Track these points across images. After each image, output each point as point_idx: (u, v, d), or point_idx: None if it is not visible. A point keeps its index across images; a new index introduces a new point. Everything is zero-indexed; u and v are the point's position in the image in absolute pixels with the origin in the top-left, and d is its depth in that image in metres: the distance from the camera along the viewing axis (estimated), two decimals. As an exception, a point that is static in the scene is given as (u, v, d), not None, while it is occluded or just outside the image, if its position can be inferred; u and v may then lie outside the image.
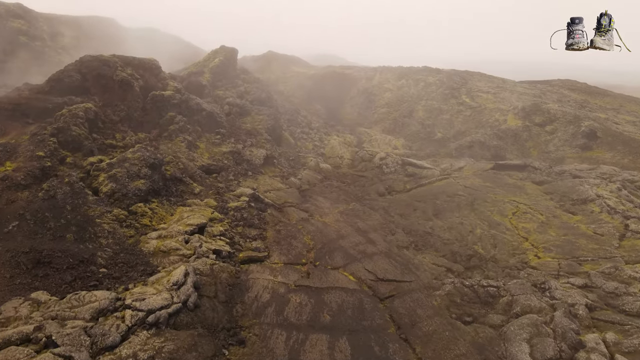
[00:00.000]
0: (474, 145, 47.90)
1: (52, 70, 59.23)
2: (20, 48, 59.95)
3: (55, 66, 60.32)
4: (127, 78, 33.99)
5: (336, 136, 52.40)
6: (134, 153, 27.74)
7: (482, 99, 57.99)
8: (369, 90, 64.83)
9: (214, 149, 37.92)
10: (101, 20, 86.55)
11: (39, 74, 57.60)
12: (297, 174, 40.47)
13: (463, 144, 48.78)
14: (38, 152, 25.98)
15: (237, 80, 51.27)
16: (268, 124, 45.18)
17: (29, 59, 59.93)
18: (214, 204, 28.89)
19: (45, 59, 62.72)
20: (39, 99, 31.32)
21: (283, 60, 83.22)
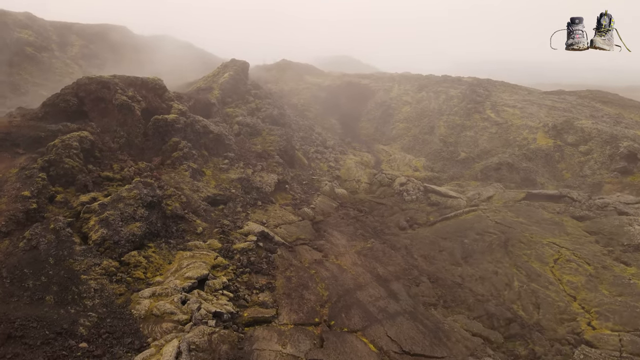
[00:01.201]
0: (501, 167, 44.34)
1: (59, 83, 57.44)
2: (26, 60, 58.23)
3: (64, 78, 58.50)
4: (127, 102, 31.41)
5: (352, 155, 49.32)
6: (130, 191, 25.06)
7: (508, 114, 54.29)
8: (387, 104, 61.60)
9: (221, 176, 35.17)
10: (112, 28, 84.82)
11: (46, 87, 55.81)
12: (310, 201, 37.52)
13: (489, 165, 45.25)
14: (24, 192, 23.46)
15: (247, 96, 48.53)
16: (280, 145, 42.32)
17: (36, 72, 58.16)
18: (218, 245, 26.06)
19: (53, 71, 60.93)
20: (32, 126, 28.90)
21: (297, 69, 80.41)
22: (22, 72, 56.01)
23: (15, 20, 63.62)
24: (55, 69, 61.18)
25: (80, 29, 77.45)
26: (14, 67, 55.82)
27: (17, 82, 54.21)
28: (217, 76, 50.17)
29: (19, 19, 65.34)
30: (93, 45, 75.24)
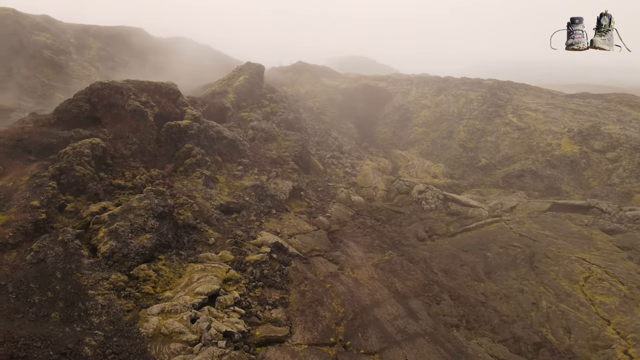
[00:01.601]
0: (524, 174, 42.74)
1: (76, 85, 57.51)
2: (44, 63, 58.41)
3: (81, 81, 58.54)
4: (140, 108, 30.83)
5: (369, 161, 48.15)
6: (141, 200, 24.38)
7: (531, 119, 52.48)
8: (405, 107, 60.24)
9: (235, 183, 34.38)
10: (129, 30, 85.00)
11: (63, 90, 55.89)
12: (326, 209, 36.51)
13: (511, 172, 43.65)
14: (33, 202, 22.94)
15: (263, 100, 47.74)
16: (295, 151, 41.40)
17: (53, 75, 58.31)
18: (231, 257, 25.20)
19: (70, 74, 61.06)
20: (44, 132, 28.48)
21: (313, 71, 79.47)
22: (39, 75, 56.17)
23: (33, 23, 63.99)
24: (72, 72, 61.31)
25: (98, 31, 77.72)
26: (31, 70, 56.03)
27: (34, 85, 54.36)
28: (232, 79, 49.51)
29: (37, 21, 65.72)
30: (110, 48, 75.39)
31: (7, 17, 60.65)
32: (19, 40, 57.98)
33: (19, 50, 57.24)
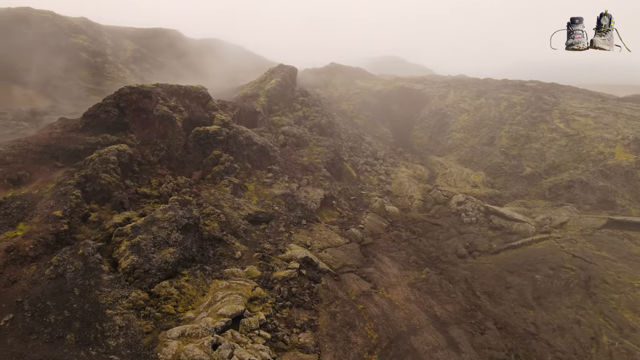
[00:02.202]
0: (573, 185, 39.60)
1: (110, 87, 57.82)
2: (80, 65, 59.02)
3: (115, 82, 58.82)
4: (168, 113, 29.89)
5: (405, 168, 45.97)
6: (165, 212, 23.27)
7: (580, 125, 48.96)
8: (442, 111, 57.57)
9: (264, 191, 33.03)
10: (164, 32, 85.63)
11: (98, 92, 56.24)
12: (358, 220, 34.71)
13: (559, 183, 40.59)
14: (56, 212, 22.18)
15: (295, 104, 46.34)
16: (328, 157, 39.76)
17: (89, 77, 58.86)
18: (257, 273, 23.77)
19: (105, 76, 61.54)
20: (71, 138, 27.91)
21: (347, 72, 77.64)
22: (75, 77, 56.75)
23: (71, 26, 64.93)
24: (107, 74, 61.80)
25: (133, 33, 78.51)
26: (68, 72, 56.68)
27: (70, 87, 54.88)
28: (264, 82, 48.35)
29: (75, 24, 66.69)
30: (145, 50, 75.96)
31: (46, 20, 61.72)
32: (56, 42, 58.83)
33: (57, 52, 58.00)
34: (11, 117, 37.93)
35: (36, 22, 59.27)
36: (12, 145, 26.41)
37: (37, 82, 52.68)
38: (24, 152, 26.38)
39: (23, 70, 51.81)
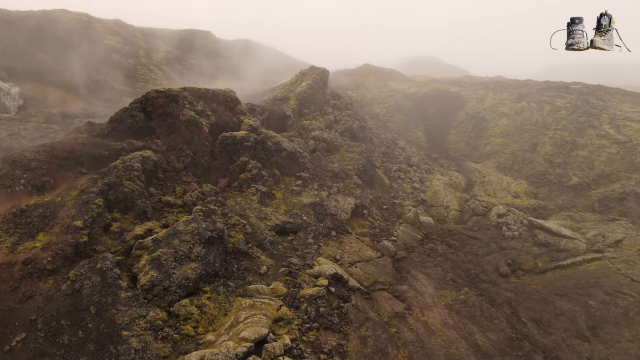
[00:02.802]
0: (626, 197, 36.48)
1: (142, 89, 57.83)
2: (113, 67, 59.36)
3: (147, 84, 58.84)
4: (194, 118, 28.88)
5: (440, 175, 43.71)
6: (187, 224, 22.13)
7: (633, 131, 45.43)
8: (480, 115, 54.82)
9: (293, 200, 31.63)
10: (197, 33, 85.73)
11: (129, 94, 56.32)
12: (391, 231, 32.87)
13: (610, 194, 37.50)
14: (76, 222, 21.37)
15: (326, 107, 44.81)
16: (359, 164, 38.03)
17: (121, 78, 59.10)
18: (283, 291, 22.32)
19: (137, 77, 61.76)
20: (96, 143, 27.25)
21: (380, 74, 75.57)
22: (108, 78, 57.05)
23: (105, 27, 65.55)
24: (139, 75, 62.00)
25: (166, 34, 78.83)
26: (101, 74, 57.03)
27: (103, 89, 55.15)
28: (294, 85, 47.03)
29: (109, 26, 67.31)
30: (177, 51, 76.10)
31: (81, 21, 62.42)
32: (90, 44, 59.35)
33: (91, 54, 58.51)
34: (42, 119, 37.98)
35: (71, 24, 59.98)
36: (38, 150, 25.92)
37: (71, 84, 53.11)
38: (49, 157, 25.84)
39: (57, 72, 52.31)
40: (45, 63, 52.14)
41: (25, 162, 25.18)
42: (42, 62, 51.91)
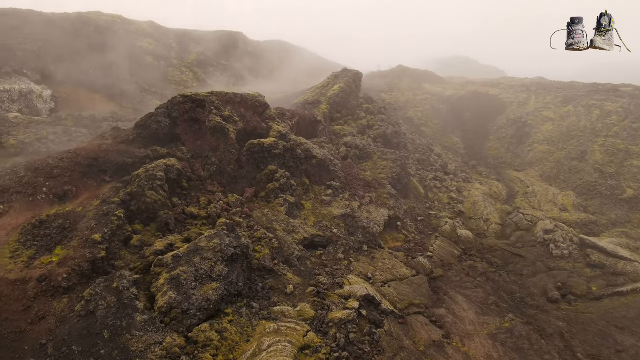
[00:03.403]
0: (689, 214, 33.08)
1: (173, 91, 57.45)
2: (145, 69, 59.23)
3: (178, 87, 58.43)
4: (221, 125, 27.59)
5: (479, 184, 41.10)
6: (210, 239, 20.75)
7: (694, 139, 41.59)
8: (522, 120, 51.65)
9: (323, 211, 29.95)
10: (229, 34, 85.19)
11: (160, 96, 56.02)
12: (426, 245, 30.76)
13: (671, 210, 34.13)
14: (95, 235, 20.33)
15: (359, 111, 42.93)
16: (393, 172, 36.00)
17: (153, 80, 58.87)
18: (311, 314, 20.63)
19: (169, 80, 61.46)
20: (120, 150, 26.31)
21: (414, 76, 72.95)
22: (139, 80, 56.89)
23: (138, 29, 65.68)
24: (171, 77, 61.67)
25: (199, 36, 78.56)
26: (132, 76, 56.93)
27: (134, 91, 54.99)
28: (326, 88, 45.34)
29: (142, 27, 67.45)
30: (209, 52, 75.63)
31: (115, 24, 62.68)
32: (123, 46, 59.42)
33: (123, 56, 58.53)
34: (71, 123, 37.67)
35: (105, 26, 60.25)
36: (62, 157, 25.17)
37: (103, 86, 53.10)
38: (73, 164, 25.05)
39: (90, 74, 52.39)
40: (78, 65, 52.31)
41: (48, 169, 24.46)
42: (75, 64, 52.09)
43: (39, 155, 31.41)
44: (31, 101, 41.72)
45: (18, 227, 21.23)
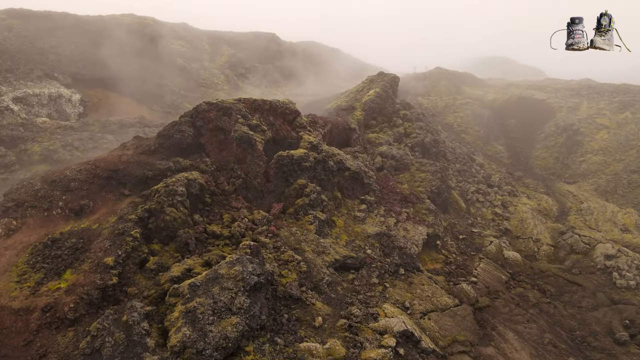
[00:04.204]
0: None
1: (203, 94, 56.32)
2: (176, 71, 58.37)
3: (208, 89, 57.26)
4: (247, 135, 25.61)
5: (526, 198, 37.70)
6: (231, 266, 18.72)
7: None
8: (574, 127, 47.59)
9: (356, 228, 27.57)
10: (261, 35, 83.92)
11: (190, 99, 54.96)
12: (469, 268, 27.95)
13: None
14: (107, 259, 18.67)
15: (395, 118, 40.23)
16: (432, 185, 33.23)
17: (183, 83, 57.92)
18: (341, 352, 18.29)
19: (199, 82, 60.40)
20: (141, 162, 24.73)
21: (452, 78, 69.33)
22: (170, 83, 56.01)
23: (170, 31, 64.99)
24: (202, 80, 60.57)
25: (231, 37, 77.57)
26: (163, 79, 56.11)
27: (164, 94, 54.14)
28: (360, 92, 42.83)
29: (175, 29, 66.78)
30: (241, 54, 74.41)
31: (147, 26, 62.15)
32: (155, 49, 58.80)
33: (155, 59, 57.88)
34: (98, 129, 36.74)
35: (137, 28, 59.74)
36: (80, 169, 23.80)
37: (134, 90, 52.44)
38: (91, 177, 23.64)
39: (121, 77, 51.79)
40: (109, 68, 51.80)
41: (65, 182, 23.12)
42: (106, 67, 51.60)
43: (62, 163, 30.41)
44: (60, 105, 41.12)
45: (29, 245, 19.86)
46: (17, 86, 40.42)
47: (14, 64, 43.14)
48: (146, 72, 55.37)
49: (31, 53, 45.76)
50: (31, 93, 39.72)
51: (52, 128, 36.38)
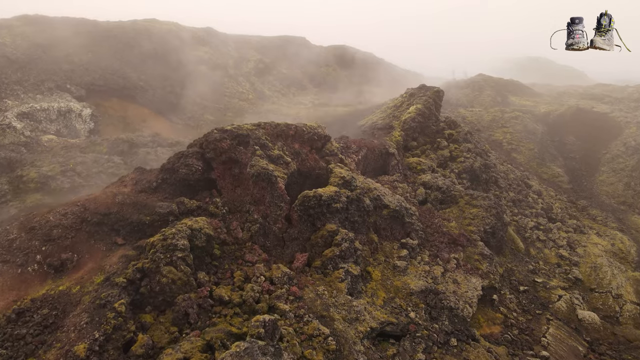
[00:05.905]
0: None
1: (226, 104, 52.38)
2: (198, 79, 54.61)
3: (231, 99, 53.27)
4: (266, 171, 21.08)
5: (596, 236, 31.83)
6: (239, 351, 14.19)
7: None
8: (646, 147, 41.15)
9: (395, 282, 22.69)
10: (291, 40, 79.73)
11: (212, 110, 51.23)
12: (536, 334, 22.70)
13: None
14: (78, 347, 14.46)
15: (439, 139, 35.00)
16: (486, 224, 27.94)
17: (205, 92, 54.09)
18: None
19: (223, 92, 56.49)
20: (139, 202, 20.61)
21: (496, 86, 63.31)
22: (191, 93, 52.33)
23: (194, 37, 61.49)
24: (225, 89, 56.62)
25: (258, 42, 73.69)
26: (184, 89, 52.43)
27: (185, 104, 50.52)
28: (399, 109, 37.67)
29: (199, 35, 63.27)
30: (268, 59, 70.34)
31: (170, 32, 58.81)
32: (177, 56, 55.33)
33: (176, 66, 54.43)
34: (105, 149, 33.07)
35: (159, 34, 56.36)
36: (65, 212, 19.86)
37: (153, 100, 49.14)
38: (78, 222, 19.69)
39: (140, 87, 48.55)
40: (128, 77, 48.55)
41: (47, 229, 19.22)
42: (125, 76, 48.37)
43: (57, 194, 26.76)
44: (70, 121, 37.86)
45: (-9, 318, 15.92)
46: (25, 100, 37.38)
47: (23, 75, 40.20)
48: (166, 81, 51.96)
49: (43, 63, 42.83)
50: (39, 108, 36.55)
51: (57, 148, 32.98)
